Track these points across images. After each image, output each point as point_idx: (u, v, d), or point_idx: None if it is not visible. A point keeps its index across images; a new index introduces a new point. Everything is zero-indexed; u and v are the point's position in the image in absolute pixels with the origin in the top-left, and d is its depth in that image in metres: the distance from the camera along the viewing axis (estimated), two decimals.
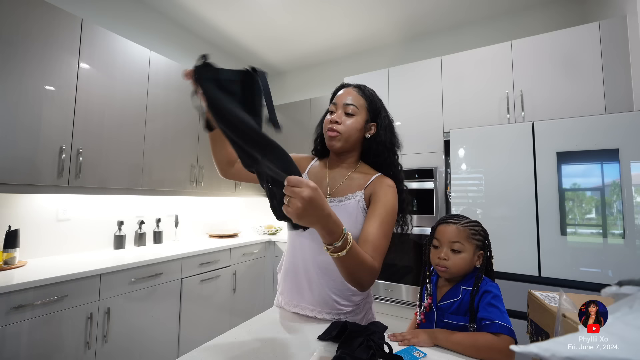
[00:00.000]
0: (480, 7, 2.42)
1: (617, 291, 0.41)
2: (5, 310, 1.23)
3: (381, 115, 0.86)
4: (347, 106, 0.82)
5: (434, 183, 2.08)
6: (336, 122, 0.82)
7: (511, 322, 0.69)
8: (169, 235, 2.48)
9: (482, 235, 0.80)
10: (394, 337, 0.72)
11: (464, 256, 0.77)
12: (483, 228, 0.82)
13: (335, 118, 0.82)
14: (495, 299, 0.72)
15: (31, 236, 1.72)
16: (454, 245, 0.78)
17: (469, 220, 0.81)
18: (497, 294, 0.73)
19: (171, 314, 1.89)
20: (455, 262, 0.77)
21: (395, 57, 2.94)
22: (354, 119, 0.82)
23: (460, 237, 0.78)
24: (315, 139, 0.99)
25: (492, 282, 0.77)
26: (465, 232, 0.78)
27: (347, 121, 0.82)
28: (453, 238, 0.78)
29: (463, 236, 0.78)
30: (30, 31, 1.50)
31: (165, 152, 2.16)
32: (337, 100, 0.84)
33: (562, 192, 1.51)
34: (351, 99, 0.83)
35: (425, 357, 0.65)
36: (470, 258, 0.78)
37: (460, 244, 0.77)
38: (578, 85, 1.78)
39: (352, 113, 0.82)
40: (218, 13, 2.55)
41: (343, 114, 0.83)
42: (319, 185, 0.87)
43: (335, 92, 0.89)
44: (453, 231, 0.78)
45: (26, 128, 1.49)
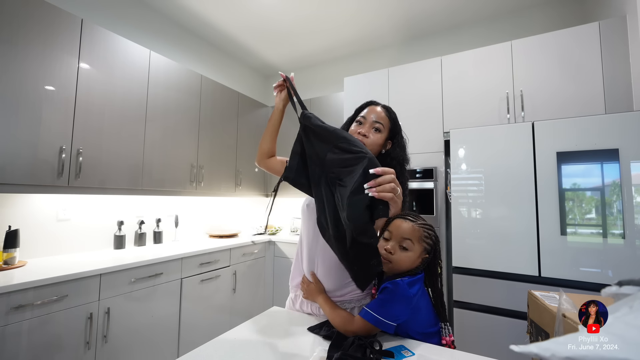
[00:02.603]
0: (480, 7, 2.42)
1: (617, 291, 0.41)
2: (5, 310, 1.23)
3: (399, 135, 0.97)
4: (375, 123, 0.92)
5: (434, 183, 2.08)
6: (364, 136, 0.90)
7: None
8: (169, 235, 2.48)
9: (433, 241, 0.80)
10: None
11: (409, 255, 0.77)
12: (436, 235, 0.82)
13: (364, 132, 0.91)
14: (384, 292, 0.73)
15: (31, 236, 1.72)
16: (404, 242, 0.78)
17: (425, 223, 0.81)
18: (392, 289, 0.72)
19: (171, 314, 1.89)
20: (400, 258, 0.77)
21: (395, 57, 2.94)
22: (379, 135, 0.92)
23: (412, 236, 0.78)
24: None
25: (403, 279, 0.74)
26: (418, 232, 0.78)
27: (373, 136, 0.91)
28: (405, 235, 0.78)
29: (416, 236, 0.78)
30: (30, 31, 1.50)
31: (165, 153, 2.16)
32: (367, 115, 0.93)
33: (562, 192, 1.51)
34: (380, 118, 0.93)
35: (413, 356, 0.67)
36: (414, 259, 0.78)
37: (410, 242, 0.77)
38: (578, 85, 1.78)
39: (379, 129, 0.92)
40: (218, 13, 2.55)
41: (371, 129, 0.91)
42: None
43: (364, 106, 0.98)
44: (408, 228, 0.78)
45: (26, 128, 1.49)
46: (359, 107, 1.00)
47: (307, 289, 0.93)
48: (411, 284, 0.73)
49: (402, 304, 0.72)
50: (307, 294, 0.93)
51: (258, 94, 3.68)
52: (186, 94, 2.32)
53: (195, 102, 2.40)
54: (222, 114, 2.68)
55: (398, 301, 0.72)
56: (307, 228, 0.97)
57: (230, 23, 2.69)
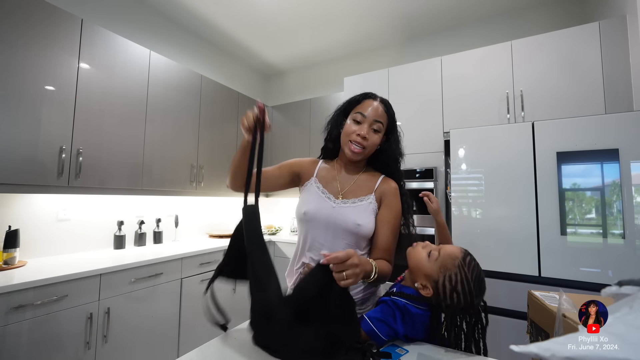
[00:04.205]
0: (480, 7, 2.42)
1: (617, 291, 0.41)
2: (5, 310, 1.23)
3: (395, 131, 0.94)
4: (375, 122, 0.87)
5: (434, 183, 2.08)
6: (364, 138, 0.87)
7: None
8: (169, 235, 2.48)
9: (451, 286, 0.73)
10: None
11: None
12: (467, 286, 0.73)
13: (364, 134, 0.86)
14: (381, 308, 0.75)
15: (31, 236, 1.72)
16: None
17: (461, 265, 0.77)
18: (387, 308, 0.74)
19: (171, 314, 1.89)
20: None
21: (395, 57, 2.94)
22: (378, 136, 0.89)
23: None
24: (326, 138, 1.02)
25: (396, 300, 0.75)
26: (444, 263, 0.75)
27: (372, 137, 0.88)
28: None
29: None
30: (30, 31, 1.50)
31: (165, 152, 2.16)
32: (368, 114, 0.87)
33: (562, 192, 1.51)
34: (379, 116, 0.88)
35: (408, 353, 0.67)
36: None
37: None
38: (578, 85, 1.78)
39: (378, 129, 0.88)
40: (218, 13, 2.55)
41: (371, 130, 0.87)
42: (330, 186, 0.94)
43: (360, 99, 0.92)
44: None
45: (26, 128, 1.49)
46: (353, 98, 0.93)
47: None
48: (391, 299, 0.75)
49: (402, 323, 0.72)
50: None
51: (258, 93, 3.68)
52: (186, 93, 2.32)
53: (195, 102, 2.40)
54: (222, 113, 2.68)
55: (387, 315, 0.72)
56: (305, 235, 0.93)
57: (230, 23, 2.69)
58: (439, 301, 0.71)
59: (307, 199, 0.92)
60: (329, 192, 0.92)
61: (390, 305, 0.73)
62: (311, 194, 0.93)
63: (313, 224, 0.90)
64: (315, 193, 0.92)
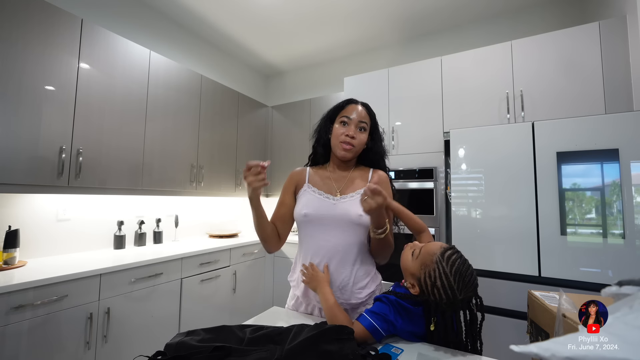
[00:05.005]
0: (480, 7, 2.42)
1: (617, 291, 0.41)
2: (5, 310, 1.23)
3: (377, 130, 1.02)
4: (360, 123, 0.96)
5: (434, 183, 2.08)
6: (352, 137, 0.94)
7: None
8: (169, 235, 2.48)
9: (431, 282, 0.73)
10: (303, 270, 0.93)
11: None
12: (444, 280, 0.73)
13: (352, 134, 0.94)
14: (377, 304, 0.77)
15: (31, 236, 1.72)
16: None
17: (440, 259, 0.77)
18: (382, 304, 0.76)
19: (171, 314, 1.89)
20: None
21: (395, 57, 2.94)
22: (364, 135, 0.98)
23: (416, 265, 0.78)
24: (314, 144, 1.07)
25: (390, 298, 0.76)
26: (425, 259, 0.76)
27: (359, 136, 0.96)
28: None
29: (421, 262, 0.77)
30: (30, 31, 1.50)
31: (165, 152, 2.16)
32: (353, 117, 0.96)
33: (562, 192, 1.51)
34: (363, 117, 0.97)
35: (403, 352, 0.69)
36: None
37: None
38: (578, 85, 1.78)
39: (363, 128, 0.97)
40: (218, 13, 2.55)
41: (357, 130, 0.96)
42: (326, 187, 0.99)
43: (344, 105, 1.00)
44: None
45: (26, 128, 1.49)
46: (337, 105, 1.02)
47: (311, 274, 0.90)
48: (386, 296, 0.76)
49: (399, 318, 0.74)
50: (310, 279, 0.90)
51: (258, 94, 3.68)
52: (186, 93, 2.32)
53: (196, 102, 2.40)
54: (222, 114, 2.68)
55: (384, 309, 0.74)
56: (306, 237, 0.97)
57: (231, 23, 2.69)
58: (425, 298, 0.72)
59: (305, 202, 0.97)
60: (326, 192, 0.97)
61: (384, 301, 0.75)
62: (308, 197, 0.98)
63: (315, 224, 0.94)
64: (311, 195, 0.98)
